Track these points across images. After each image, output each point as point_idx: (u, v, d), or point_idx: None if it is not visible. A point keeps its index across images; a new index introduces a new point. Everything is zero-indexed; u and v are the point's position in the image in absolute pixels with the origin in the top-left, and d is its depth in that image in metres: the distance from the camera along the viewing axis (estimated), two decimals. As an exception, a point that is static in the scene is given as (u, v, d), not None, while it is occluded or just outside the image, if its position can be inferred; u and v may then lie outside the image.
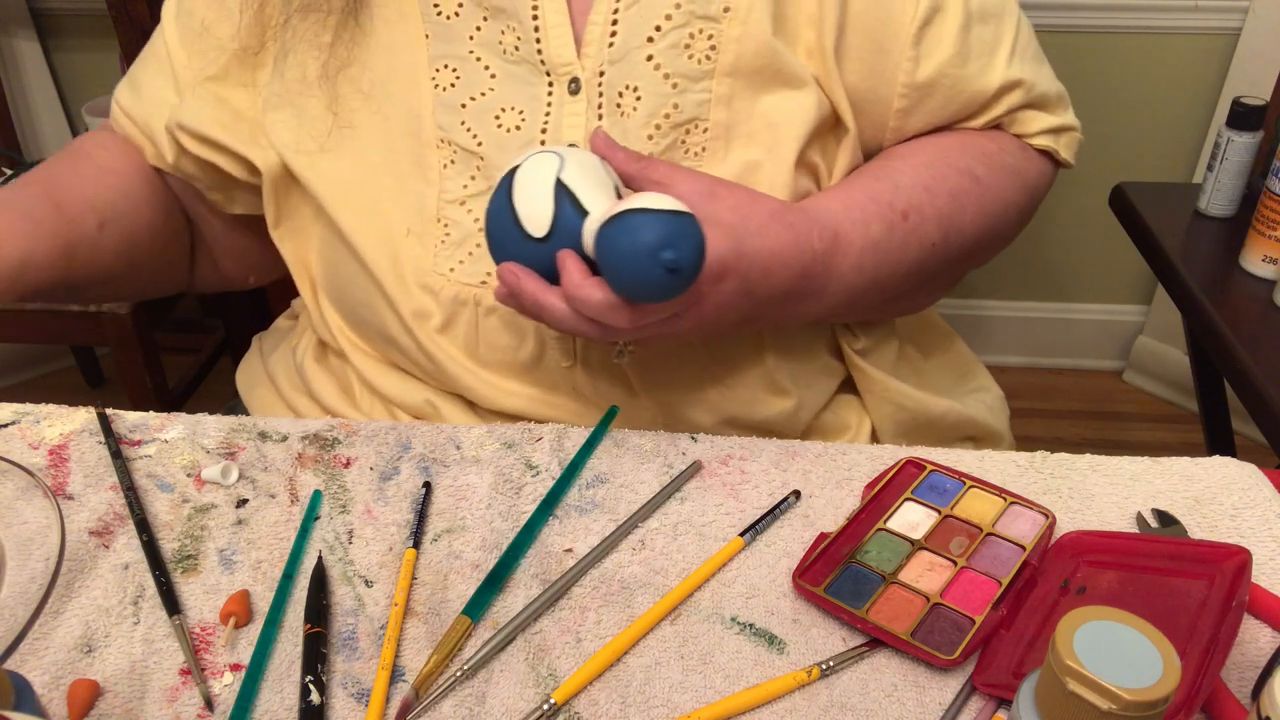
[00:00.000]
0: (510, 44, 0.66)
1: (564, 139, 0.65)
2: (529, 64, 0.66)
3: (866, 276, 0.65)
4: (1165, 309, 1.97)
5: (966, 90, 0.69)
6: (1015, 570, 0.55)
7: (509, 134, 0.66)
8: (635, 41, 0.64)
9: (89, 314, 1.48)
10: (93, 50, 1.95)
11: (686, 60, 0.64)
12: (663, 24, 0.64)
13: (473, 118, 0.67)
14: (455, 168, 0.67)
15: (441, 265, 0.67)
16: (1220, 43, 1.79)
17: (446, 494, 0.61)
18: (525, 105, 0.66)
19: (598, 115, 0.65)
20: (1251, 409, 1.08)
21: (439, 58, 0.67)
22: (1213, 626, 0.50)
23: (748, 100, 0.65)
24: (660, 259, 0.52)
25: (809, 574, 0.55)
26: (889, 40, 0.66)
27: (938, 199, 0.67)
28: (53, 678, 0.50)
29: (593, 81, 0.65)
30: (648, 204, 0.54)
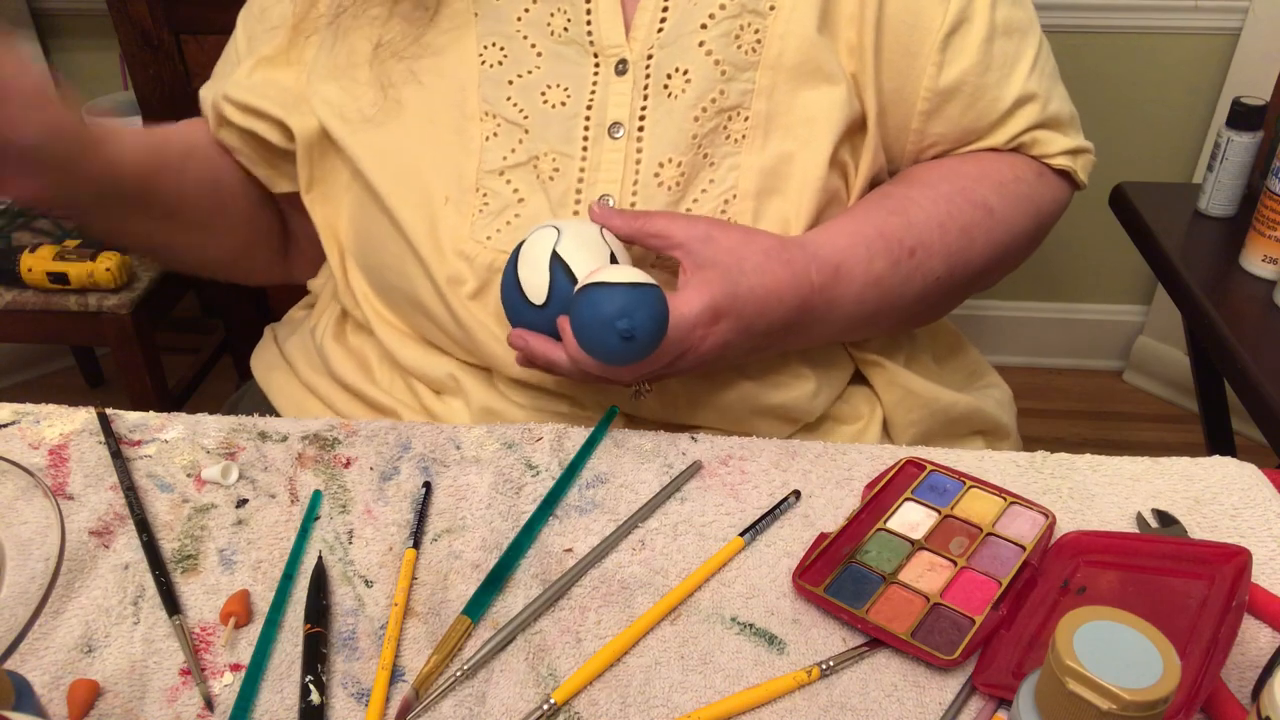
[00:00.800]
0: (559, 26, 0.69)
1: (609, 116, 0.68)
2: (578, 45, 0.69)
3: (868, 308, 0.68)
4: (1165, 309, 1.97)
5: (985, 98, 0.71)
6: (1015, 570, 0.55)
7: (554, 109, 0.69)
8: (688, 27, 0.67)
9: (89, 314, 1.48)
10: (93, 50, 1.95)
11: (735, 50, 0.67)
12: (717, 13, 0.67)
13: (519, 93, 0.69)
14: (497, 140, 0.69)
15: (479, 233, 0.69)
16: (1220, 43, 1.78)
17: (446, 494, 0.61)
18: (571, 83, 0.69)
19: (643, 95, 0.68)
20: (1251, 409, 1.08)
21: (487, 35, 0.70)
22: (1213, 626, 0.50)
23: (787, 94, 0.68)
24: (616, 328, 0.58)
25: (809, 574, 0.55)
26: (917, 44, 0.69)
27: (948, 235, 0.70)
28: (53, 678, 0.50)
29: (640, 63, 0.68)
30: (608, 277, 0.59)
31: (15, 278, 1.46)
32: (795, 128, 0.68)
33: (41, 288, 1.46)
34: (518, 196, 0.69)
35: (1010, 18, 0.71)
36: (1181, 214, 1.38)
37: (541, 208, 0.68)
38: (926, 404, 0.76)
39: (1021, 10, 0.72)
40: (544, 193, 0.69)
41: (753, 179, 0.68)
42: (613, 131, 0.68)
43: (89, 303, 1.47)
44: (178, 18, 1.42)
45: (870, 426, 0.76)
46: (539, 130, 0.68)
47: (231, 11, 0.80)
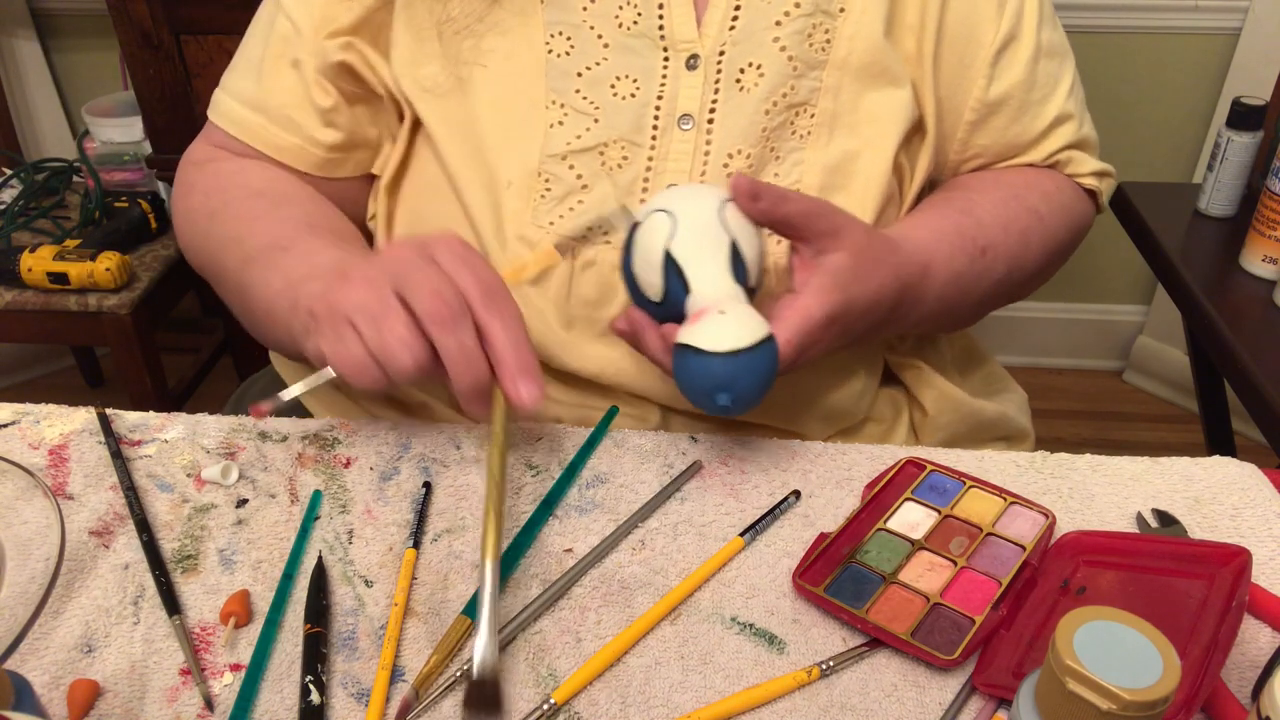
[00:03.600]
0: (629, 19, 0.69)
1: (679, 108, 0.69)
2: (647, 38, 0.69)
3: (945, 305, 0.70)
4: (1165, 309, 1.97)
5: (1028, 114, 0.75)
6: (1015, 570, 0.55)
7: (624, 100, 0.69)
8: (763, 24, 0.68)
9: (89, 314, 1.48)
10: (93, 50, 1.95)
11: (807, 47, 0.69)
12: (792, 10, 0.68)
13: (587, 86, 0.69)
14: (563, 127, 0.69)
15: (541, 218, 0.69)
16: (1220, 43, 1.79)
17: (446, 494, 0.61)
18: (640, 75, 0.69)
19: (714, 88, 0.69)
20: (1251, 409, 1.08)
21: (553, 24, 0.69)
22: (1213, 626, 0.50)
23: (852, 94, 0.70)
24: (714, 402, 0.56)
25: (809, 574, 0.55)
26: (970, 56, 0.72)
27: (1010, 237, 0.73)
28: (53, 678, 0.50)
29: (711, 58, 0.69)
30: (707, 344, 0.56)
31: (15, 278, 1.46)
32: (859, 127, 0.70)
33: (41, 288, 1.46)
34: (581, 183, 0.69)
35: (1052, 40, 0.75)
36: (1181, 214, 1.38)
37: (606, 195, 0.69)
38: (958, 407, 0.77)
39: (1059, 35, 0.76)
40: (609, 180, 0.69)
41: (817, 175, 0.69)
42: (682, 123, 0.69)
43: (89, 303, 1.47)
44: (178, 18, 1.42)
45: (897, 428, 0.78)
46: (608, 119, 0.69)
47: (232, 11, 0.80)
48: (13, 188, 1.68)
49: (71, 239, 1.53)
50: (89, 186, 1.62)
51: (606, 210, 0.67)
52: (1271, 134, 1.33)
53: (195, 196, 0.76)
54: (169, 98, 1.49)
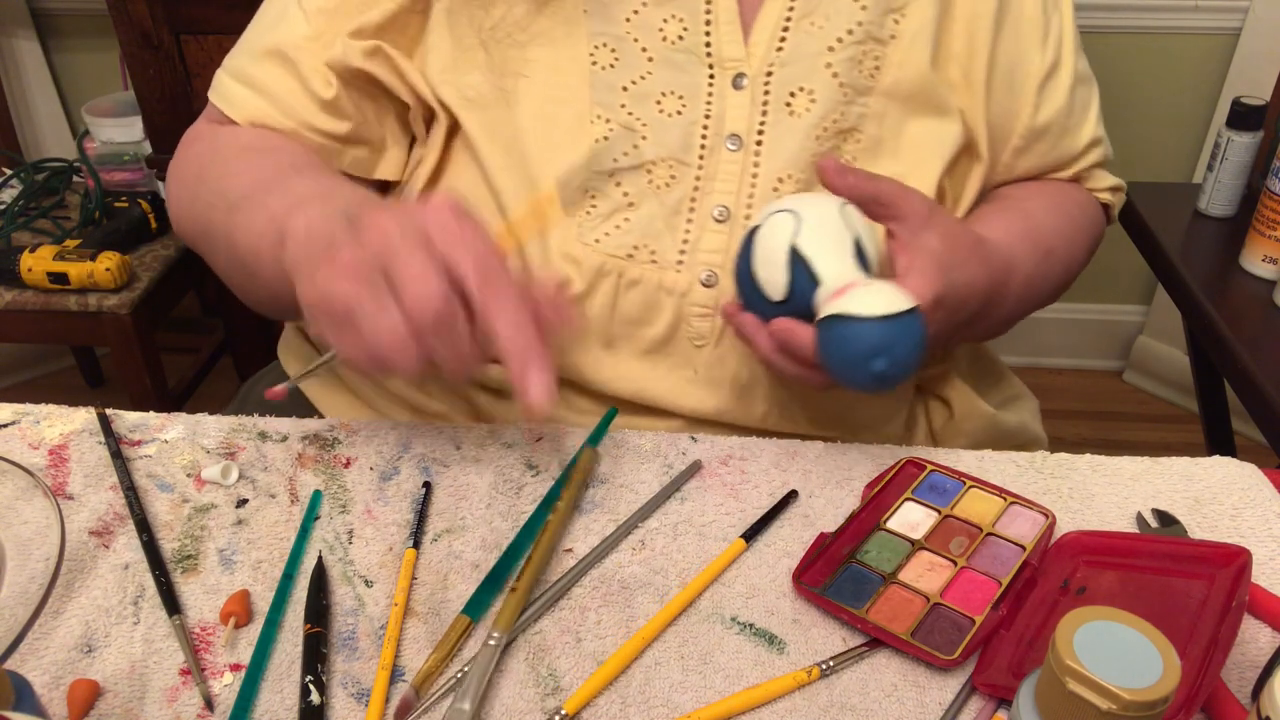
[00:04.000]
0: (673, 33, 0.68)
1: (726, 129, 0.68)
2: (692, 54, 0.68)
3: (1021, 307, 0.72)
4: (1165, 309, 1.97)
5: (1066, 139, 0.78)
6: (1015, 570, 0.55)
7: (670, 118, 0.68)
8: (814, 48, 0.68)
9: (89, 314, 1.48)
10: (93, 50, 1.95)
11: (858, 74, 0.69)
12: (844, 37, 0.68)
13: (633, 101, 0.68)
14: (609, 142, 0.68)
15: (586, 235, 0.68)
16: (1220, 43, 1.79)
17: (446, 494, 0.61)
18: (685, 92, 0.68)
19: (761, 109, 0.68)
20: (1251, 409, 1.08)
21: (597, 35, 0.68)
22: (1213, 626, 0.50)
23: (897, 121, 0.70)
24: (871, 370, 0.55)
25: (809, 574, 0.55)
26: (1019, 85, 0.74)
27: (1063, 242, 0.76)
28: (53, 678, 0.50)
29: (758, 78, 0.68)
30: (858, 308, 0.55)
31: (15, 278, 1.46)
32: (902, 153, 0.70)
33: (41, 288, 1.46)
34: (628, 200, 0.68)
35: (1083, 67, 0.78)
36: (1181, 214, 1.38)
37: (653, 213, 0.68)
38: (982, 417, 0.78)
39: (1085, 61, 0.79)
40: (656, 199, 0.68)
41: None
42: (729, 143, 0.68)
43: (89, 303, 1.47)
44: (178, 18, 1.42)
45: (915, 435, 0.78)
46: (656, 137, 0.68)
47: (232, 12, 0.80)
48: (13, 188, 1.68)
49: (71, 239, 1.53)
50: (89, 186, 1.62)
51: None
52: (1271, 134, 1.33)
53: (188, 164, 0.75)
54: (169, 98, 1.49)
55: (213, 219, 0.68)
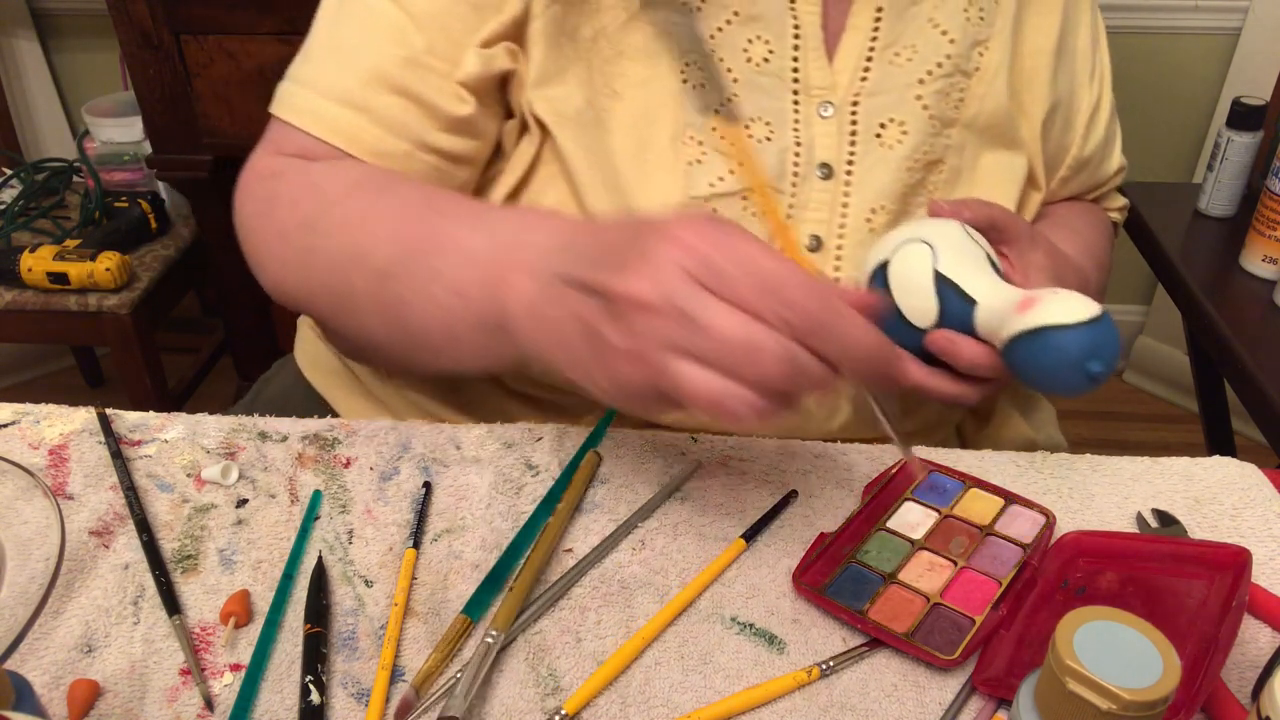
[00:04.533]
0: (758, 54, 0.66)
1: (816, 158, 0.67)
2: (777, 78, 0.66)
3: None
4: (1165, 309, 1.97)
5: (1102, 168, 0.82)
6: (1015, 570, 0.55)
7: (762, 144, 0.66)
8: (905, 80, 0.68)
9: (89, 314, 1.48)
10: (93, 50, 1.95)
11: (945, 106, 0.69)
12: (934, 70, 0.68)
13: (725, 125, 0.66)
14: (703, 166, 0.66)
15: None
16: (1220, 43, 1.79)
17: (446, 494, 0.61)
18: (773, 118, 0.66)
19: (849, 139, 0.67)
20: (1251, 409, 1.08)
21: (687, 52, 0.65)
22: (1213, 626, 0.50)
23: (973, 153, 0.71)
24: (1088, 371, 0.56)
25: (809, 574, 0.55)
26: (1072, 119, 0.76)
27: (1105, 255, 0.80)
28: (53, 678, 0.50)
29: (845, 108, 0.67)
30: (1063, 318, 0.57)
31: (15, 278, 1.46)
32: (978, 184, 0.71)
33: (41, 288, 1.46)
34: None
35: (1110, 99, 0.80)
36: (1181, 214, 1.38)
37: None
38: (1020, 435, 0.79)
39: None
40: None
41: None
42: (819, 172, 0.67)
43: (89, 303, 1.47)
44: (178, 18, 1.42)
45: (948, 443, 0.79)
46: (751, 164, 0.66)
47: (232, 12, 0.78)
48: (13, 188, 1.68)
49: (71, 239, 1.53)
50: (89, 186, 1.62)
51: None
52: (1271, 134, 1.33)
53: (280, 210, 0.64)
54: (169, 98, 1.49)
55: (354, 284, 0.60)
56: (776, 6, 0.66)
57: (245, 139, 1.28)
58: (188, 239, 1.65)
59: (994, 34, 0.69)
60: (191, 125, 1.50)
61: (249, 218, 0.66)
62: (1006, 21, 0.70)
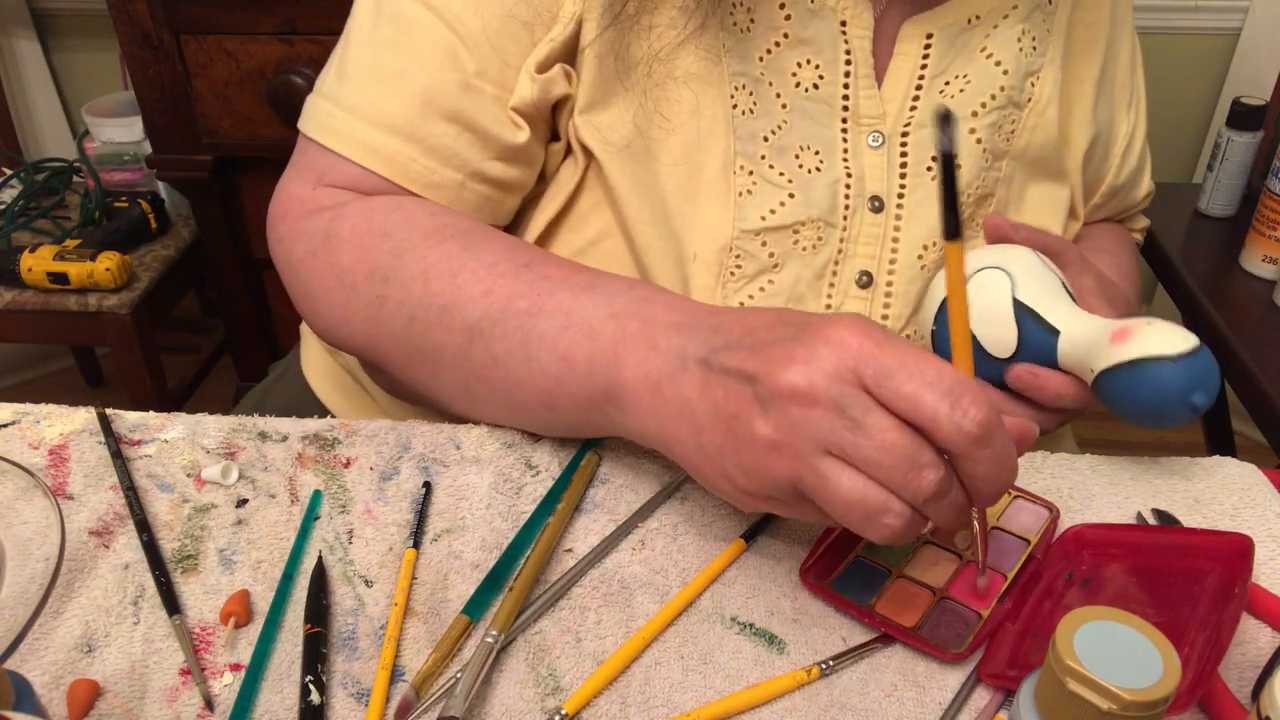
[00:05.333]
0: (808, 79, 0.63)
1: (867, 190, 0.65)
2: (826, 104, 0.64)
3: None
4: (1165, 309, 1.97)
5: (1132, 193, 0.82)
6: (1020, 563, 0.55)
7: (810, 174, 0.64)
8: (960, 112, 0.66)
9: (89, 314, 1.48)
10: (93, 50, 1.95)
11: (997, 138, 0.67)
12: (988, 102, 0.66)
13: (774, 153, 0.64)
14: (753, 197, 0.63)
15: (730, 297, 0.63)
16: (1220, 43, 1.79)
17: (446, 494, 0.61)
18: (822, 147, 0.64)
19: (900, 173, 0.65)
20: (1252, 409, 1.08)
21: (736, 75, 0.63)
22: (1216, 614, 0.50)
23: (1020, 184, 0.70)
24: (1191, 404, 0.56)
25: (815, 569, 0.55)
26: (1108, 147, 0.76)
27: (1135, 276, 0.80)
28: (53, 678, 0.50)
29: (895, 138, 0.65)
30: (1163, 349, 0.56)
31: (15, 278, 1.46)
32: (1024, 216, 0.71)
33: (41, 288, 1.46)
34: (773, 262, 0.63)
35: (1145, 124, 0.80)
36: (1181, 214, 1.38)
37: (798, 277, 0.64)
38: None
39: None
40: (802, 261, 0.64)
41: None
42: (871, 204, 0.65)
43: (89, 303, 1.47)
44: (178, 18, 1.42)
45: None
46: (803, 195, 0.63)
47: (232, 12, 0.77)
48: (13, 188, 1.68)
49: (71, 239, 1.53)
50: (89, 186, 1.63)
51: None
52: (1271, 134, 1.33)
53: (343, 254, 0.60)
54: (169, 98, 1.49)
55: (437, 340, 0.58)
56: (828, 30, 0.63)
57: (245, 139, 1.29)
58: (188, 239, 1.65)
59: (1045, 63, 0.67)
60: (191, 125, 1.50)
61: (303, 259, 0.62)
62: (1057, 51, 0.68)
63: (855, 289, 0.65)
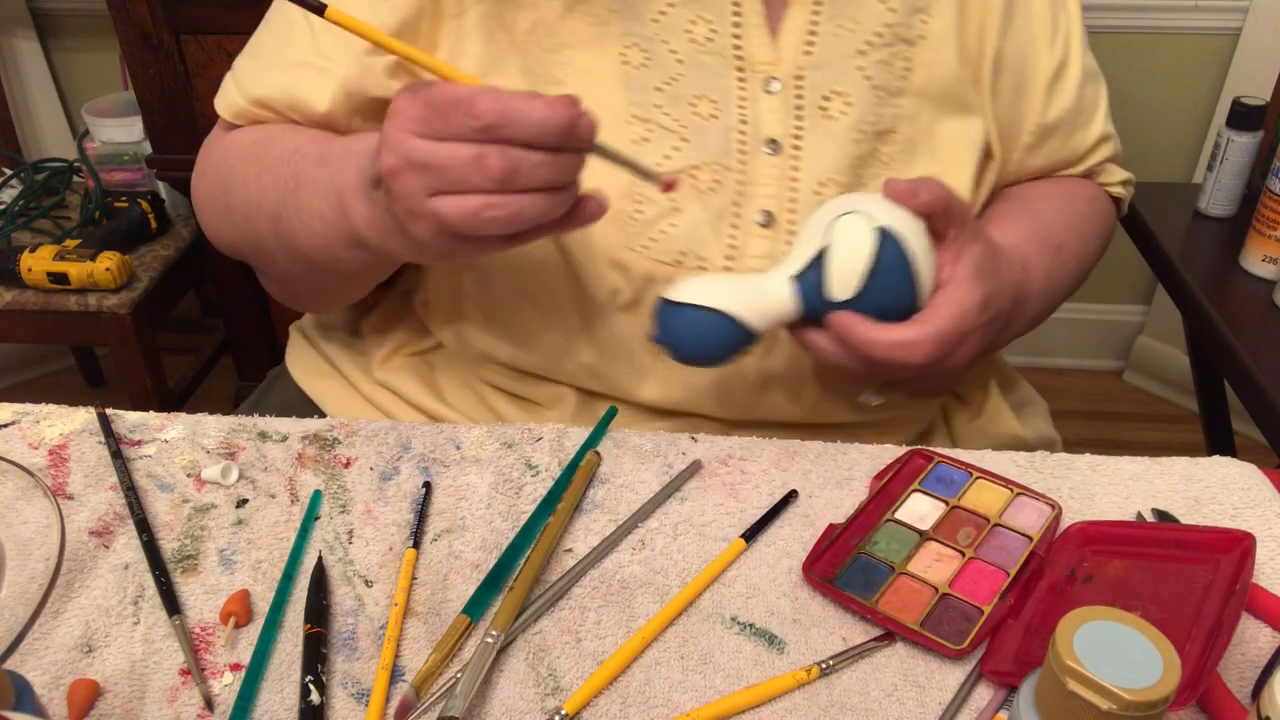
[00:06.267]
0: (701, 35, 0.67)
1: (763, 134, 0.68)
2: (721, 57, 0.67)
3: (1043, 305, 0.72)
4: (1165, 309, 1.97)
5: (1076, 135, 0.78)
6: (1022, 560, 0.55)
7: (705, 121, 0.67)
8: (845, 50, 0.68)
9: (89, 314, 1.48)
10: (93, 50, 1.95)
11: (889, 75, 0.69)
12: (874, 39, 0.68)
13: (668, 102, 0.67)
14: (649, 145, 0.67)
15: (633, 241, 0.67)
16: (1220, 43, 1.78)
17: (446, 494, 0.61)
18: (718, 95, 0.67)
19: (795, 113, 0.68)
20: (1251, 409, 1.08)
21: (627, 35, 0.67)
22: (1216, 611, 0.50)
23: (929, 121, 0.70)
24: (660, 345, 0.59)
25: (819, 565, 0.55)
26: (1028, 83, 0.74)
27: (1074, 236, 0.76)
28: (53, 678, 0.50)
29: (789, 82, 0.68)
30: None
31: (15, 278, 1.46)
32: (937, 153, 0.71)
33: (41, 288, 1.46)
34: (673, 205, 0.67)
35: (1090, 64, 0.78)
36: (1181, 214, 1.38)
37: (698, 219, 0.67)
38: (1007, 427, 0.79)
39: (1092, 57, 0.79)
40: (701, 204, 0.67)
41: None
42: (768, 147, 0.67)
43: (89, 303, 1.47)
44: (178, 18, 1.42)
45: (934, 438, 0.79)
46: (698, 140, 0.67)
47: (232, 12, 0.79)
48: (13, 188, 1.68)
49: (71, 239, 1.53)
50: (89, 186, 1.62)
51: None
52: (1271, 134, 1.33)
53: (206, 177, 0.75)
54: (169, 98, 1.49)
55: (260, 229, 0.69)
56: None
57: (245, 139, 1.22)
58: (188, 239, 1.65)
59: (936, 0, 0.69)
60: (191, 125, 1.50)
61: (192, 189, 0.78)
62: None
63: (757, 228, 0.68)
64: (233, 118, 0.74)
